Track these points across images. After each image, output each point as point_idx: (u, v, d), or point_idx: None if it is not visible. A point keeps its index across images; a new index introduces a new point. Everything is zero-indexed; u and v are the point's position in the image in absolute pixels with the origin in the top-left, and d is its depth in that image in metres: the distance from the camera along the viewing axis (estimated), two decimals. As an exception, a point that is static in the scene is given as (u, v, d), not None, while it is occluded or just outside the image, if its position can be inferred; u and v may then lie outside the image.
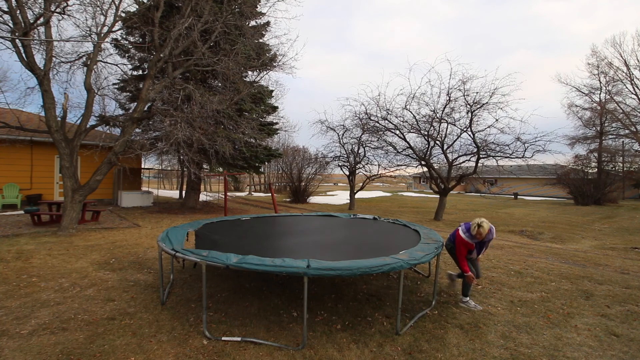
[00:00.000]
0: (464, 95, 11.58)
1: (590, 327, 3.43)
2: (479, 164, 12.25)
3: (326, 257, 3.22)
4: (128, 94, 12.87)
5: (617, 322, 3.54)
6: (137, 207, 13.31)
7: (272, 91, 13.66)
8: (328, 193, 29.86)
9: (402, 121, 12.87)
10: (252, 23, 12.30)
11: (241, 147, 11.11)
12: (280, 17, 21.41)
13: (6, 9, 6.94)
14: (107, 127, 11.26)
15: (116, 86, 12.55)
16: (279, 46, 12.96)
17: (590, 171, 24.24)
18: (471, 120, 11.72)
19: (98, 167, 8.18)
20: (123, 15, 9.76)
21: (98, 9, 8.18)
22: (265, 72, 13.03)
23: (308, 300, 2.91)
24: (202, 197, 17.66)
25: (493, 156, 11.88)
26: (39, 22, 7.31)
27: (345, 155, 16.71)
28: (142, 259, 5.64)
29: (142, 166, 16.61)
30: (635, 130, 23.83)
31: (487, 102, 11.35)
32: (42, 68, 7.39)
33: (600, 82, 25.32)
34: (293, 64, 13.72)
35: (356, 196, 17.56)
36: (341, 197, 24.94)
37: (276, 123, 14.55)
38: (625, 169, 26.42)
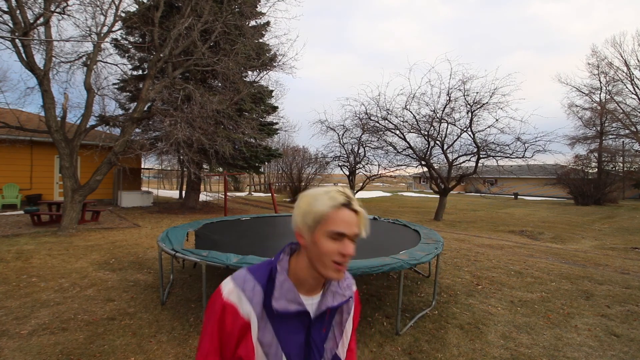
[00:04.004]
0: (464, 95, 11.59)
1: (591, 327, 3.42)
2: (479, 164, 12.25)
3: (326, 257, 3.21)
4: (128, 94, 12.87)
5: (617, 322, 3.54)
6: (137, 207, 13.30)
7: (272, 91, 13.67)
8: (328, 193, 29.80)
9: (402, 121, 12.89)
10: (252, 23, 12.30)
11: (241, 147, 11.12)
12: (280, 17, 21.50)
13: (6, 9, 6.94)
14: (107, 127, 11.27)
15: (116, 86, 12.55)
16: (279, 46, 12.98)
17: (590, 171, 24.25)
18: (471, 120, 11.73)
19: (98, 167, 8.18)
20: (123, 15, 9.75)
21: (98, 9, 8.18)
22: (265, 72, 13.04)
23: (308, 301, 2.90)
24: (202, 197, 17.66)
25: (493, 156, 11.89)
26: (38, 22, 7.30)
27: (345, 155, 16.71)
28: (142, 259, 5.63)
29: (142, 166, 16.61)
30: (635, 130, 23.83)
31: (487, 102, 11.37)
32: (42, 68, 7.38)
33: (601, 82, 25.35)
34: (293, 64, 13.74)
35: (356, 196, 17.36)
36: (341, 197, 24.88)
37: (276, 123, 14.55)
38: (625, 169, 26.42)
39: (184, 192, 17.35)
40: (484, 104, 11.40)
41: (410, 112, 12.58)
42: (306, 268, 0.83)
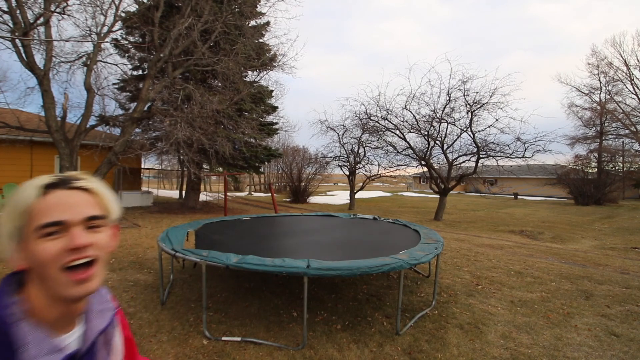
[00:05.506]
0: (464, 95, 11.60)
1: (590, 327, 3.42)
2: (479, 164, 12.26)
3: (326, 257, 3.22)
4: (128, 94, 12.87)
5: (617, 322, 3.54)
6: (137, 207, 13.30)
7: (272, 91, 13.67)
8: (328, 193, 29.86)
9: (402, 121, 12.90)
10: (252, 23, 12.30)
11: (241, 147, 11.13)
12: (280, 17, 21.37)
13: (6, 9, 6.94)
14: (107, 127, 11.27)
15: (116, 86, 12.55)
16: (279, 46, 12.97)
17: (590, 171, 24.26)
18: (471, 120, 11.73)
19: (98, 167, 8.18)
20: (123, 15, 9.76)
21: (98, 9, 8.19)
22: (265, 72, 13.06)
23: (308, 300, 2.91)
24: (202, 197, 17.66)
25: (493, 156, 11.89)
26: (38, 22, 7.31)
27: (345, 155, 16.73)
28: (142, 259, 5.63)
29: (142, 166, 16.61)
30: (635, 130, 23.83)
31: (487, 102, 11.37)
32: (42, 68, 7.39)
33: (600, 82, 25.33)
34: (293, 64, 13.72)
35: (356, 196, 17.57)
36: (341, 197, 24.93)
37: (276, 123, 14.57)
38: (625, 169, 26.44)
39: (184, 192, 17.37)
40: (483, 104, 11.41)
41: (410, 112, 12.60)
42: (47, 300, 0.57)
